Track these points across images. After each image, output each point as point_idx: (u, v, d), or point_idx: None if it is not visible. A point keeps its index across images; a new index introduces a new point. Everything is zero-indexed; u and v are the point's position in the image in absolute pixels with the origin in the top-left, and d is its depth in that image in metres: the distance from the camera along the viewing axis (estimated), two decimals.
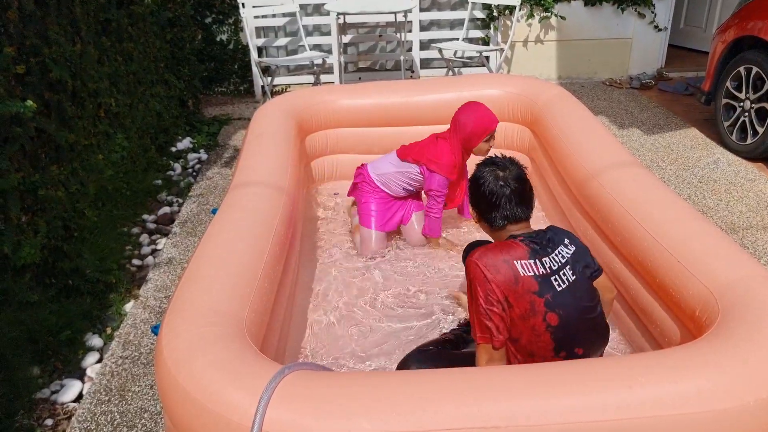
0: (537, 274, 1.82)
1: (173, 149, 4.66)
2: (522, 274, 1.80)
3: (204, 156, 4.64)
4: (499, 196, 1.93)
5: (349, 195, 3.30)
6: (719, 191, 3.89)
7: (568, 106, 3.46)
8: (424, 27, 6.18)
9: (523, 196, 1.95)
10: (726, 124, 4.53)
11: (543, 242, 1.90)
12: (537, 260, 1.84)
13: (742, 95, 4.35)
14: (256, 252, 2.10)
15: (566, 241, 1.95)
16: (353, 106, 3.68)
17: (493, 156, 2.07)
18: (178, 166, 4.42)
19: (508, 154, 2.14)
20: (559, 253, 1.90)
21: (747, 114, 4.31)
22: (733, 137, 4.44)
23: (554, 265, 1.86)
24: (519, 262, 1.82)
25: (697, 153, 4.49)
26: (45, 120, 2.88)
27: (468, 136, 2.91)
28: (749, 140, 4.28)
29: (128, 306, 2.92)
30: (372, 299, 2.72)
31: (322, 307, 2.68)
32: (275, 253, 2.20)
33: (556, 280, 1.84)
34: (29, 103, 2.45)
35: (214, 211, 3.06)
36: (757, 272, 1.92)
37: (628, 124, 5.10)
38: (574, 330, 1.85)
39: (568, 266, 1.89)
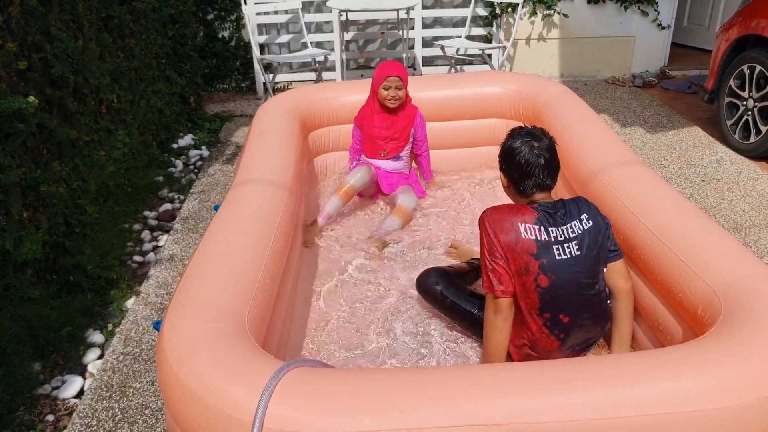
0: (538, 239, 1.98)
1: (174, 146, 4.65)
2: (523, 236, 1.97)
3: (205, 153, 4.64)
4: (534, 165, 2.06)
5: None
6: (722, 190, 3.88)
7: (570, 104, 3.45)
8: (427, 24, 6.17)
9: (552, 166, 2.10)
10: (729, 122, 4.52)
11: (557, 213, 2.04)
12: (542, 227, 1.99)
13: (745, 94, 4.34)
14: (259, 248, 2.09)
15: (584, 216, 2.06)
16: (356, 102, 3.66)
17: (528, 126, 2.18)
18: (179, 163, 4.41)
19: None
20: (572, 227, 2.03)
21: (750, 112, 4.30)
22: (736, 136, 4.43)
23: (560, 236, 2.00)
24: (523, 224, 1.98)
25: (699, 151, 4.48)
26: (47, 116, 2.88)
27: (373, 85, 3.34)
28: (752, 139, 4.27)
29: (129, 302, 2.92)
30: (374, 296, 2.72)
31: (324, 303, 2.68)
32: (277, 249, 2.20)
33: (557, 249, 1.99)
34: (31, 98, 2.44)
35: (216, 208, 3.06)
36: (759, 271, 1.92)
37: (630, 123, 5.09)
38: (563, 297, 2.00)
39: (576, 241, 2.02)
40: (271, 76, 5.79)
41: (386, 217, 3.22)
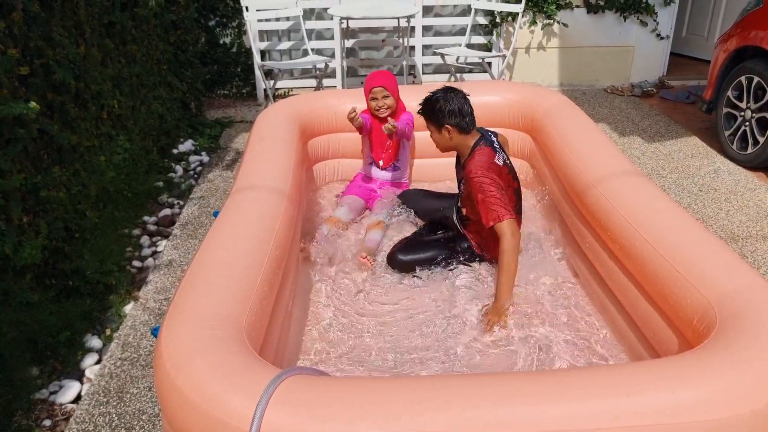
0: (503, 162, 2.75)
1: (175, 151, 4.67)
2: (500, 165, 2.72)
3: (205, 158, 4.66)
4: (466, 105, 2.73)
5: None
6: (719, 200, 3.90)
7: (569, 114, 3.47)
8: (427, 32, 6.20)
9: (471, 106, 2.77)
10: (727, 133, 4.54)
11: (495, 143, 2.79)
12: (498, 155, 2.74)
13: (743, 105, 4.36)
14: (257, 256, 2.10)
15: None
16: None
17: (445, 86, 2.81)
18: (179, 168, 4.43)
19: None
20: (502, 150, 2.82)
21: (748, 123, 4.32)
22: (734, 146, 4.45)
23: (504, 156, 2.79)
24: (496, 159, 2.71)
25: (697, 161, 4.50)
26: (48, 121, 2.89)
27: (365, 96, 3.46)
28: (750, 150, 4.29)
29: (128, 307, 2.93)
30: (370, 303, 2.73)
31: (322, 311, 2.69)
32: (276, 256, 2.21)
33: (506, 160, 2.80)
34: (32, 104, 2.46)
35: (215, 214, 3.06)
36: (755, 282, 1.93)
37: (629, 132, 5.11)
38: (519, 199, 2.89)
39: (506, 156, 2.84)
40: (271, 82, 5.82)
41: (366, 233, 3.22)
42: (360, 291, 2.82)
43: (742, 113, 4.37)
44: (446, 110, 2.70)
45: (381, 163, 3.58)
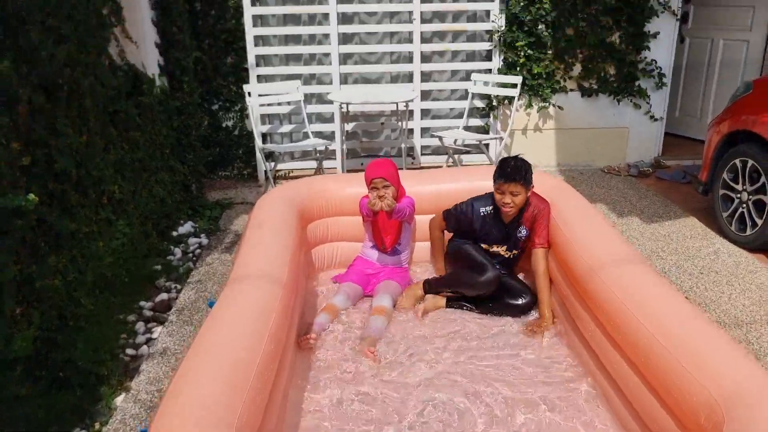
0: None
1: (174, 233, 4.68)
2: None
3: (204, 241, 4.66)
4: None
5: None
6: (721, 283, 3.86)
7: (567, 198, 3.49)
8: (426, 115, 6.34)
9: None
10: (725, 214, 4.55)
11: None
12: None
13: (738, 187, 4.40)
14: (251, 352, 2.06)
15: None
16: (355, 195, 3.71)
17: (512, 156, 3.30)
18: (178, 251, 4.42)
19: None
20: None
21: (745, 205, 4.34)
22: (733, 228, 4.46)
23: None
24: None
25: (697, 243, 4.50)
26: (47, 209, 2.91)
27: (366, 184, 3.46)
28: (749, 231, 4.29)
29: (119, 399, 2.85)
30: (371, 402, 2.63)
31: (316, 405, 2.60)
32: (270, 351, 2.17)
33: None
34: (31, 196, 2.47)
35: (210, 304, 3.04)
36: (760, 375, 1.89)
37: (627, 212, 5.13)
38: None
39: None
40: (272, 164, 5.90)
41: (369, 319, 3.18)
42: (360, 392, 2.70)
43: (739, 195, 4.40)
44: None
45: (383, 246, 3.58)
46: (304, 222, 3.63)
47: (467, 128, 6.19)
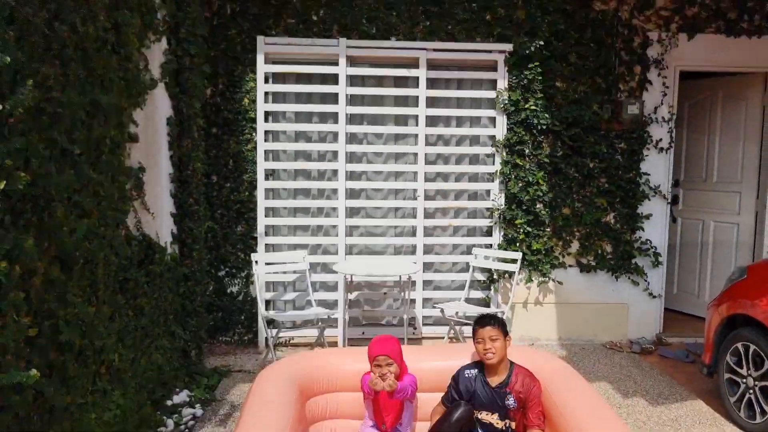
0: None
1: (169, 403, 4.56)
2: None
3: (199, 412, 4.53)
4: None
5: None
6: None
7: (570, 383, 3.45)
8: (427, 286, 6.44)
9: None
10: (732, 399, 4.46)
11: None
12: None
13: (743, 371, 4.35)
14: None
15: None
16: (356, 371, 3.68)
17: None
18: (170, 423, 4.29)
19: None
20: None
21: (752, 391, 4.27)
22: (741, 413, 4.34)
23: None
24: None
25: (705, 429, 4.35)
26: (45, 381, 2.88)
27: (369, 360, 3.44)
28: (759, 419, 4.17)
29: None
30: None
31: None
32: None
33: None
34: (33, 372, 2.47)
35: None
36: None
37: (632, 393, 5.02)
38: None
39: None
40: (274, 331, 5.89)
41: None
42: None
43: (744, 380, 4.34)
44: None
45: (383, 426, 3.48)
46: (303, 398, 3.56)
47: (468, 300, 6.26)
